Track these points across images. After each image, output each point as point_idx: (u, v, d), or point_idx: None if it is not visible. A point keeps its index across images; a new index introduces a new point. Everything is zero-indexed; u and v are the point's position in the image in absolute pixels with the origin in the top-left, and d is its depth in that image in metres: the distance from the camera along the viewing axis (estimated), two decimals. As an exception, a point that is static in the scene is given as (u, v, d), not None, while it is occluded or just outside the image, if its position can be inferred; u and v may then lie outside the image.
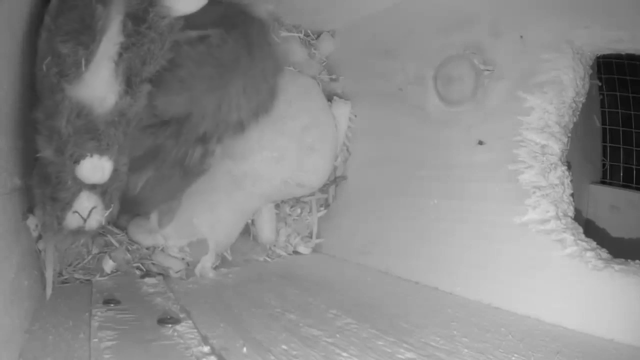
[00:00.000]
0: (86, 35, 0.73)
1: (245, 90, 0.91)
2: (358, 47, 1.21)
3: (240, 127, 0.94)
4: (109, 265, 0.99)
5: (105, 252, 1.01)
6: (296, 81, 1.12)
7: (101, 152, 0.80)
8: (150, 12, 0.81)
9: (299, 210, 1.22)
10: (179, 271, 1.00)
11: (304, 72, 1.20)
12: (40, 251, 0.86)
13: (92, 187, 0.84)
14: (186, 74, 0.85)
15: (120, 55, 0.79)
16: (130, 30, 0.80)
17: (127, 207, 0.94)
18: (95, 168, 0.80)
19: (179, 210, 0.98)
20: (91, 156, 0.79)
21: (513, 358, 0.69)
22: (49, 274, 0.86)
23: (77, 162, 0.78)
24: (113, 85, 0.79)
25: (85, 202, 0.86)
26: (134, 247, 1.02)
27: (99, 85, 0.76)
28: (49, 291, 0.85)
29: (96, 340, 0.69)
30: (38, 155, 0.74)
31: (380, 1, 1.10)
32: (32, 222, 0.81)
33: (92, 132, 0.79)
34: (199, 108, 0.88)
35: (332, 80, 1.26)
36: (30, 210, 0.80)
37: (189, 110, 0.87)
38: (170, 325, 0.75)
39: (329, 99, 1.18)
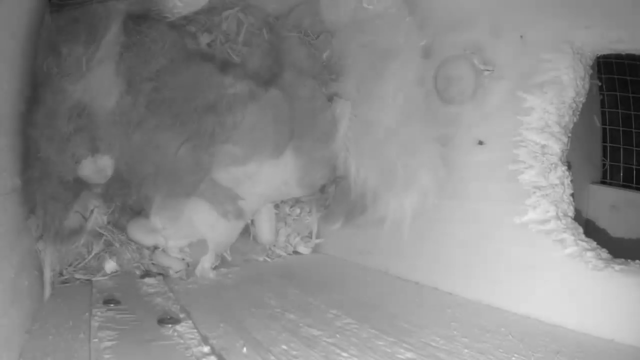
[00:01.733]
0: (87, 34, 0.73)
1: None
2: (358, 47, 1.20)
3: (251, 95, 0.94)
4: (110, 265, 0.99)
5: (106, 252, 1.01)
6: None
7: (102, 151, 0.80)
8: (151, 11, 0.81)
9: (298, 210, 1.22)
10: (179, 271, 1.00)
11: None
12: (40, 251, 0.86)
13: (94, 187, 0.84)
14: None
15: (121, 54, 0.79)
16: (131, 30, 0.80)
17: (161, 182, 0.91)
18: (97, 167, 0.80)
19: (180, 210, 0.98)
20: (92, 156, 0.79)
21: (513, 358, 0.69)
22: (47, 275, 0.85)
23: (78, 162, 0.78)
24: (114, 85, 0.79)
25: (87, 202, 0.86)
26: (136, 246, 1.02)
27: (100, 84, 0.76)
28: (47, 292, 0.85)
29: (96, 340, 0.69)
30: (39, 155, 0.74)
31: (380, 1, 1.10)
32: (33, 222, 0.81)
33: (93, 132, 0.79)
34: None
35: (332, 80, 1.25)
36: (32, 210, 0.80)
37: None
38: (170, 325, 0.75)
39: (329, 99, 1.17)
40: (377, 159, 0.87)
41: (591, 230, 1.09)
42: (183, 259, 1.00)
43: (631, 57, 1.04)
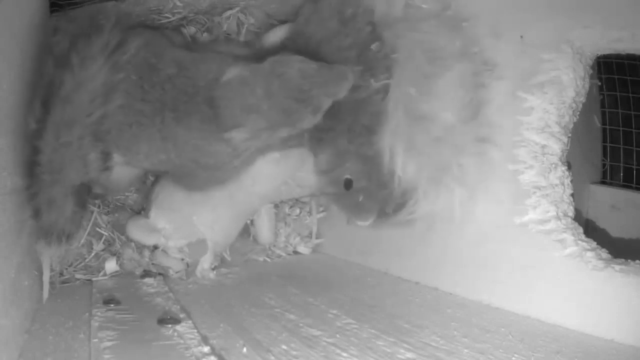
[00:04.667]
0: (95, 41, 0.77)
1: None
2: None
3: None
4: (110, 265, 0.99)
5: (106, 252, 1.01)
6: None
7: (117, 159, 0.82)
8: (150, 11, 0.82)
9: (298, 210, 1.22)
10: (178, 271, 1.00)
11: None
12: (39, 252, 0.85)
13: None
14: None
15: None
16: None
17: None
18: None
19: (179, 209, 0.98)
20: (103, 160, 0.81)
21: (513, 358, 0.69)
22: (46, 277, 0.86)
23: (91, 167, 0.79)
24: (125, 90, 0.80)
25: (87, 203, 0.87)
26: (136, 246, 1.02)
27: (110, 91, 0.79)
28: (45, 294, 0.85)
29: (96, 340, 0.69)
30: (46, 162, 0.74)
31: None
32: (33, 223, 0.80)
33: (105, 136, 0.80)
34: None
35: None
36: (33, 212, 0.79)
37: None
38: (170, 325, 0.75)
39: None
40: (432, 157, 0.84)
41: (591, 230, 1.09)
42: (182, 259, 1.00)
43: (631, 57, 1.04)
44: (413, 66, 0.85)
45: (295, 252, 1.22)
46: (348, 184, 0.90)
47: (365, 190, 0.90)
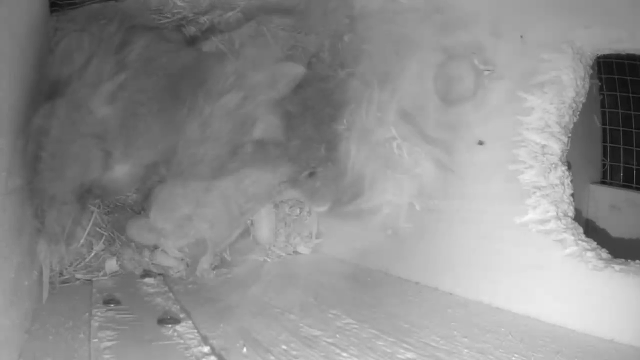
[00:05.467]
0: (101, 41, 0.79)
1: None
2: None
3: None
4: (110, 265, 0.99)
5: (106, 252, 1.01)
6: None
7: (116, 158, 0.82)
8: (150, 11, 0.82)
9: (298, 210, 1.22)
10: (178, 271, 1.00)
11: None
12: (39, 252, 0.85)
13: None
14: None
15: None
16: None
17: None
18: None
19: (179, 209, 0.98)
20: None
21: (513, 358, 0.69)
22: (46, 277, 0.86)
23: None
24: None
25: (87, 203, 0.87)
26: (136, 246, 1.02)
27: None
28: (45, 294, 0.85)
29: (96, 340, 0.69)
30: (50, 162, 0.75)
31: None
32: (33, 223, 0.81)
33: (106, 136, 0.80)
34: None
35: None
36: (34, 212, 0.79)
37: None
38: (170, 325, 0.76)
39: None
40: (384, 145, 0.85)
41: (591, 230, 1.09)
42: (182, 259, 1.00)
43: (631, 57, 1.04)
44: (379, 57, 0.87)
45: (295, 252, 1.22)
46: (311, 171, 0.94)
47: (322, 176, 0.93)
